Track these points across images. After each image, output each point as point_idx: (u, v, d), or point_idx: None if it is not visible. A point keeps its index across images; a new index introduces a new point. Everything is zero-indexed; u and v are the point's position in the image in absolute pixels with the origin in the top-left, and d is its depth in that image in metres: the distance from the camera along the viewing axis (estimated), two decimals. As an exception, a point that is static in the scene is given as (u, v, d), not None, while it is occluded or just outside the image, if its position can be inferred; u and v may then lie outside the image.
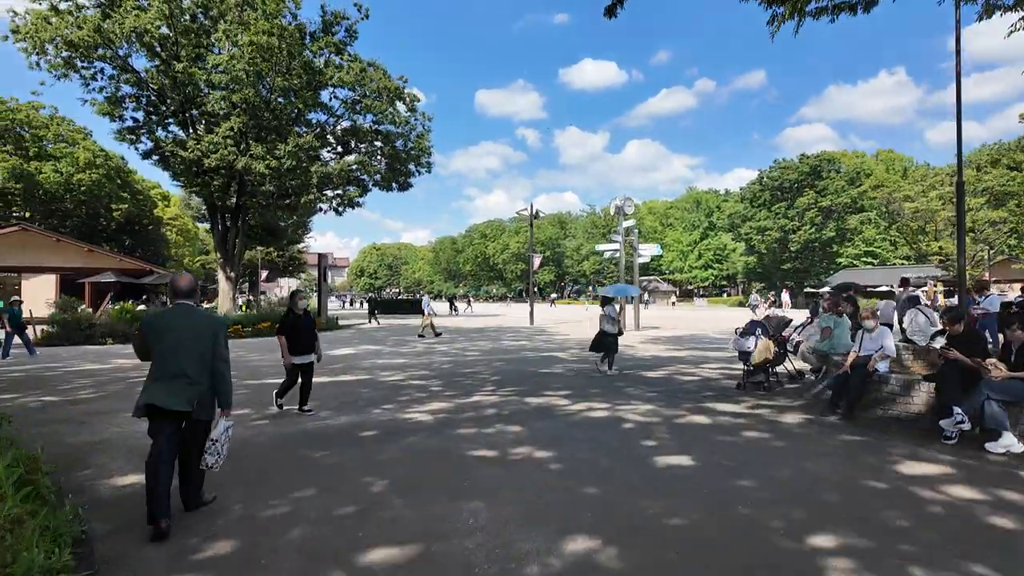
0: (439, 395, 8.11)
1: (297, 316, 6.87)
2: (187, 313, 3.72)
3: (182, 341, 3.59)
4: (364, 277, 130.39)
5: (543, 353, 13.66)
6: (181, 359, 3.57)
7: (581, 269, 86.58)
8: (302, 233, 55.43)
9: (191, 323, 3.66)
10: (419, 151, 29.69)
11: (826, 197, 53.77)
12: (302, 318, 6.89)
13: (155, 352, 3.63)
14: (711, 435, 5.80)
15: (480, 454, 5.15)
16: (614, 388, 8.58)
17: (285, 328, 6.80)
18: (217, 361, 3.69)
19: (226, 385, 3.74)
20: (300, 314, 6.89)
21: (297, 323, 6.81)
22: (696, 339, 17.74)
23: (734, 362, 11.34)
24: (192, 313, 3.74)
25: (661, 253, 25.42)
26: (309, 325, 6.93)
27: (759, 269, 62.11)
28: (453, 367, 11.27)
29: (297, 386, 6.95)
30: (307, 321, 6.93)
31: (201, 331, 3.66)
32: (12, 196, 42.92)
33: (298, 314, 6.88)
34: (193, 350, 3.60)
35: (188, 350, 3.59)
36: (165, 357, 3.58)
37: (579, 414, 6.80)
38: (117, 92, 23.95)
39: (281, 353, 6.79)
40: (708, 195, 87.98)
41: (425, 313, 20.49)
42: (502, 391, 8.37)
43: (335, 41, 26.13)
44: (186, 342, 3.60)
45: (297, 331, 6.75)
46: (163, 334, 3.62)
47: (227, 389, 3.76)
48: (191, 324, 3.66)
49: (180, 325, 3.64)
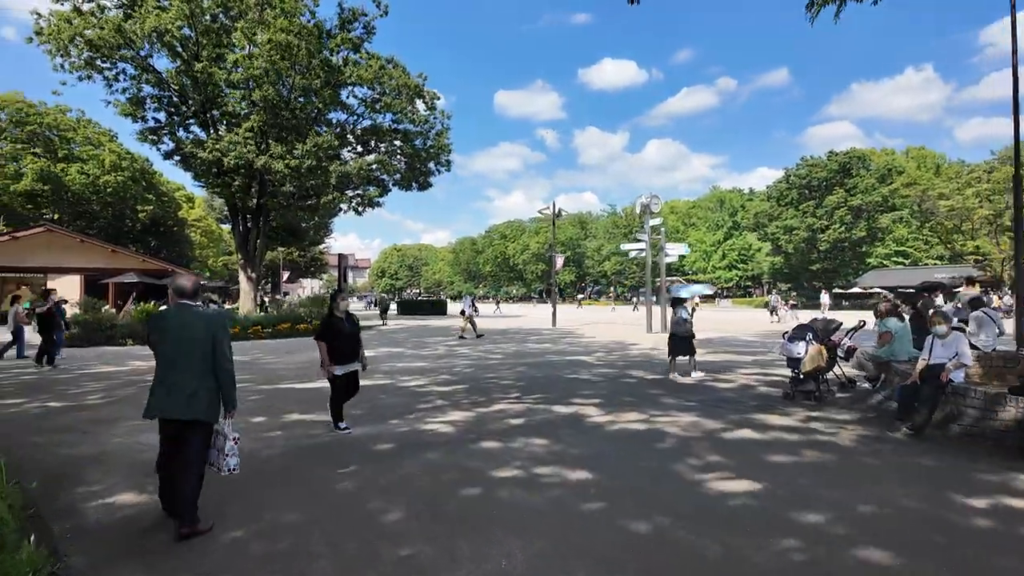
0: (461, 403, 7.61)
1: (339, 319, 6.03)
2: (189, 314, 3.64)
3: (184, 342, 3.54)
4: (385, 278, 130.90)
5: (568, 357, 13.09)
6: (183, 361, 3.52)
7: (602, 269, 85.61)
8: (323, 234, 55.65)
9: (193, 324, 3.59)
10: (438, 149, 29.37)
11: (856, 195, 52.16)
12: (344, 321, 6.06)
13: (159, 352, 3.59)
14: (765, 454, 5.19)
15: (507, 474, 4.62)
16: (648, 396, 7.99)
17: (326, 332, 6.00)
18: (221, 361, 3.60)
19: (231, 386, 3.65)
20: (342, 317, 6.07)
21: (339, 327, 6.00)
22: (727, 342, 16.99)
23: (771, 367, 10.65)
24: (194, 313, 3.65)
25: (688, 252, 24.63)
26: (353, 330, 6.13)
27: (786, 269, 60.59)
28: (475, 371, 10.77)
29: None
30: (351, 325, 6.12)
31: (203, 331, 3.57)
32: (41, 198, 43.71)
33: (339, 317, 6.06)
34: (195, 351, 3.54)
35: (190, 351, 3.53)
36: (168, 358, 3.54)
37: (613, 426, 6.23)
38: (139, 93, 24.00)
39: (320, 361, 5.99)
40: (732, 194, 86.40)
41: (466, 313, 19.66)
42: (528, 399, 7.84)
43: (352, 38, 25.86)
44: (188, 343, 3.54)
45: (339, 336, 5.96)
46: (166, 334, 3.57)
47: (232, 390, 3.66)
48: (193, 325, 3.58)
49: (182, 325, 3.57)
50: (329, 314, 6.15)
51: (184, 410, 3.47)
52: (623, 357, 13.00)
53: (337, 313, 6.08)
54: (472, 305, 20.22)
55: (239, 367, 11.89)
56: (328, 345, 5.93)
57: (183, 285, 3.76)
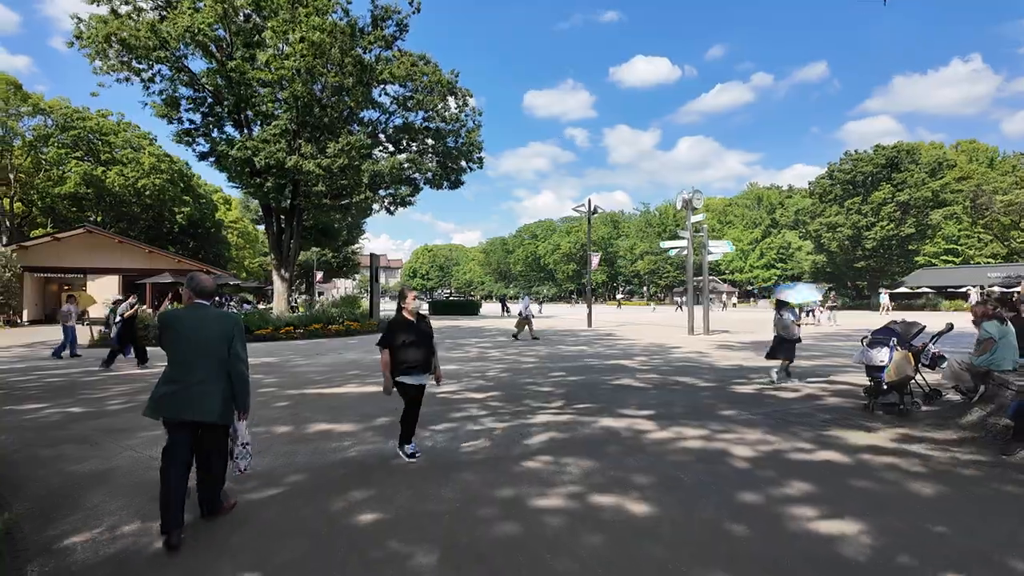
0: (498, 412, 6.96)
1: (408, 322, 4.96)
2: (203, 313, 3.59)
3: (199, 342, 3.47)
4: (416, 278, 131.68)
5: (608, 361, 12.33)
6: (198, 362, 3.45)
7: (635, 269, 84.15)
8: (356, 234, 55.93)
9: (207, 323, 3.53)
10: (470, 147, 28.90)
11: (904, 191, 49.77)
12: (415, 324, 4.98)
13: (171, 353, 3.50)
14: (859, 482, 4.40)
15: (556, 504, 3.95)
16: (704, 407, 7.21)
17: (391, 337, 4.90)
18: (235, 362, 3.53)
19: (244, 387, 3.58)
20: (412, 320, 4.98)
21: (408, 331, 4.90)
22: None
23: (834, 373, 9.72)
24: (208, 313, 3.60)
25: (733, 250, 23.54)
26: (427, 334, 5.01)
27: (829, 269, 58.25)
28: (511, 376, 10.12)
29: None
30: (423, 329, 5.01)
31: (217, 331, 3.52)
32: (85, 201, 44.94)
33: (409, 320, 4.97)
34: (210, 351, 3.48)
35: (206, 352, 3.47)
36: (182, 359, 3.46)
37: (672, 444, 5.49)
38: (174, 93, 24.13)
39: (382, 372, 4.94)
40: (770, 191, 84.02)
41: (522, 314, 18.77)
42: (571, 408, 7.15)
43: (385, 35, 25.54)
44: (203, 344, 3.48)
45: (408, 342, 4.85)
46: (179, 334, 3.49)
47: (245, 391, 3.60)
48: (207, 324, 3.52)
49: (196, 326, 3.51)
50: (398, 315, 5.06)
51: (201, 412, 3.39)
52: (667, 361, 12.18)
53: (406, 314, 5.00)
54: (528, 306, 19.27)
55: (269, 369, 11.58)
56: (394, 352, 4.86)
57: (202, 284, 3.66)
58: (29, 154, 42.28)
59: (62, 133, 43.18)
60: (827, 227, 53.30)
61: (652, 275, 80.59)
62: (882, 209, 49.93)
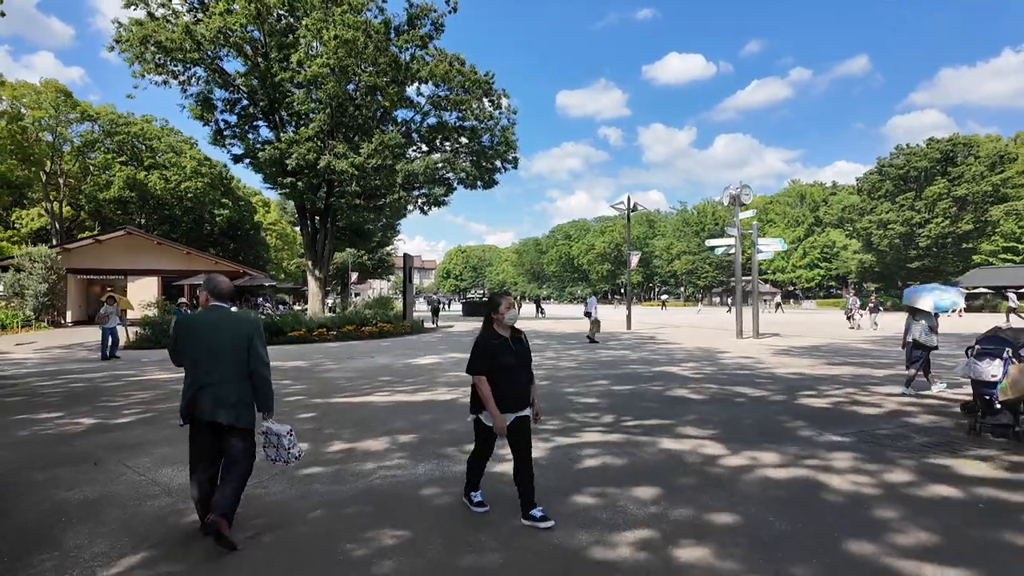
0: (540, 429, 6.22)
1: (501, 340, 3.72)
2: (223, 315, 3.53)
3: (220, 345, 3.42)
4: (450, 279, 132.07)
5: (655, 368, 11.45)
6: (220, 364, 3.40)
7: (671, 269, 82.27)
8: (391, 235, 56.06)
9: (227, 325, 3.48)
10: (505, 145, 28.31)
11: (961, 185, 47.02)
12: (512, 343, 3.76)
13: (191, 356, 3.45)
14: (995, 532, 3.49)
15: (624, 556, 3.19)
16: (776, 425, 6.32)
17: (484, 361, 3.66)
18: (256, 364, 3.48)
19: (267, 387, 3.54)
20: (505, 336, 3.75)
21: (503, 351, 3.69)
22: (836, 350, 14.79)
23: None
24: (228, 315, 3.55)
25: (786, 248, 22.23)
26: (526, 356, 3.84)
27: (877, 268, 55.56)
28: (550, 384, 9.37)
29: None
30: (522, 349, 3.82)
31: (238, 333, 3.46)
32: (130, 204, 46.13)
33: (503, 337, 3.74)
34: (229, 353, 3.42)
35: (226, 355, 3.42)
36: (203, 363, 3.41)
37: (751, 474, 4.65)
38: (209, 94, 24.21)
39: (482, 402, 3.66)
40: (813, 188, 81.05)
41: (592, 315, 17.82)
42: (622, 426, 6.35)
43: (421, 35, 25.14)
44: (221, 346, 3.42)
45: (504, 366, 3.65)
46: (200, 338, 3.43)
47: (269, 392, 3.55)
48: (228, 327, 3.47)
49: (217, 328, 3.46)
50: (486, 331, 3.77)
51: (226, 414, 3.35)
52: (721, 369, 11.22)
53: (499, 330, 3.75)
54: (596, 307, 18.32)
55: (297, 375, 11.10)
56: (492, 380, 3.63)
57: (219, 286, 3.59)
58: (77, 159, 43.61)
59: (108, 139, 44.41)
60: (877, 224, 50.80)
61: (690, 275, 78.62)
62: (937, 205, 47.32)
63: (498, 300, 3.80)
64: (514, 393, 3.68)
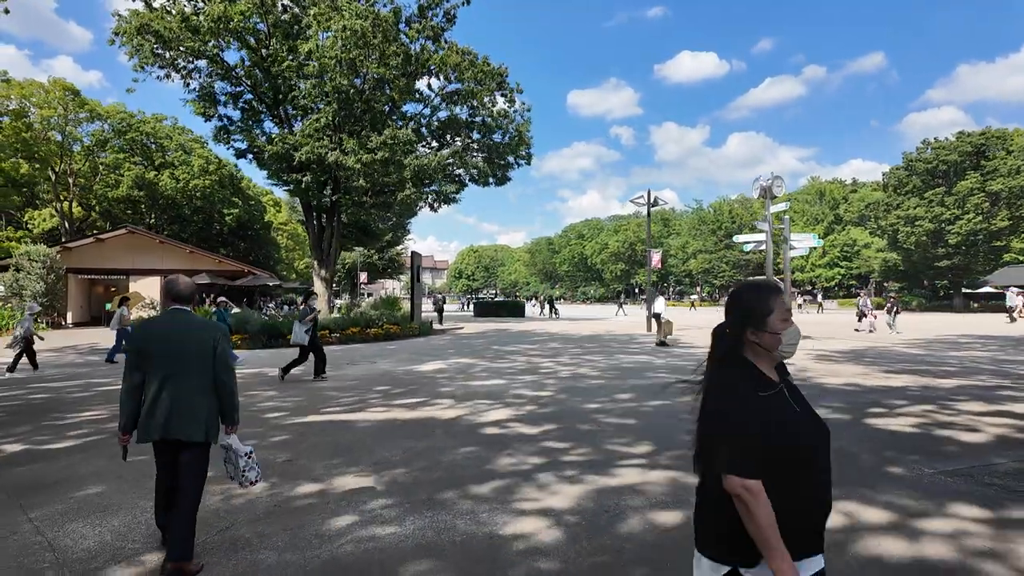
0: (563, 461, 5.02)
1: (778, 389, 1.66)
2: (184, 320, 3.20)
3: (186, 352, 3.11)
4: (462, 279, 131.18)
5: (691, 375, 10.16)
6: (181, 374, 3.07)
7: (686, 268, 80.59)
8: (401, 235, 55.23)
9: (188, 332, 3.15)
10: (519, 141, 27.22)
11: (996, 180, 44.94)
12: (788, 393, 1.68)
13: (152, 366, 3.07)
14: None
15: None
16: (856, 460, 5.06)
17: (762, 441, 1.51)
18: (221, 373, 3.16)
19: (233, 400, 3.23)
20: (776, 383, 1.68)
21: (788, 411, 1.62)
22: (881, 354, 13.42)
23: (995, 401, 7.32)
24: (189, 320, 3.21)
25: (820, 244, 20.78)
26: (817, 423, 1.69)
27: (902, 267, 53.49)
28: (570, 397, 8.17)
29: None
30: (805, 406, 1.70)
31: (202, 341, 3.15)
32: (139, 203, 45.68)
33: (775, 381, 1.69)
34: (198, 362, 3.12)
35: (189, 363, 3.10)
36: (162, 371, 3.06)
37: (853, 543, 3.41)
38: (211, 87, 23.34)
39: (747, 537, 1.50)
40: (833, 185, 79.12)
41: (660, 316, 16.32)
42: (665, 457, 5.13)
43: (433, 25, 24.08)
44: (183, 353, 3.10)
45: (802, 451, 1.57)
46: (162, 345, 3.10)
47: (234, 404, 3.25)
48: (188, 333, 3.15)
49: (181, 334, 3.14)
50: (736, 368, 1.73)
51: (193, 430, 3.05)
52: (761, 378, 9.93)
53: (764, 368, 1.71)
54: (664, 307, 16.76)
55: (285, 384, 9.98)
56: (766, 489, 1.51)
57: (179, 287, 3.27)
58: (87, 159, 43.20)
59: (118, 138, 43.99)
60: (905, 221, 48.82)
61: (706, 274, 76.91)
62: (968, 200, 45.26)
63: (766, 297, 1.72)
64: (812, 511, 1.58)
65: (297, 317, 10.34)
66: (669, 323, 16.16)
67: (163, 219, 47.14)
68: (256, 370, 11.71)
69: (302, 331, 9.94)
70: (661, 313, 16.31)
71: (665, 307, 16.59)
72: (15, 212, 44.31)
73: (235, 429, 3.32)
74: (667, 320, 16.13)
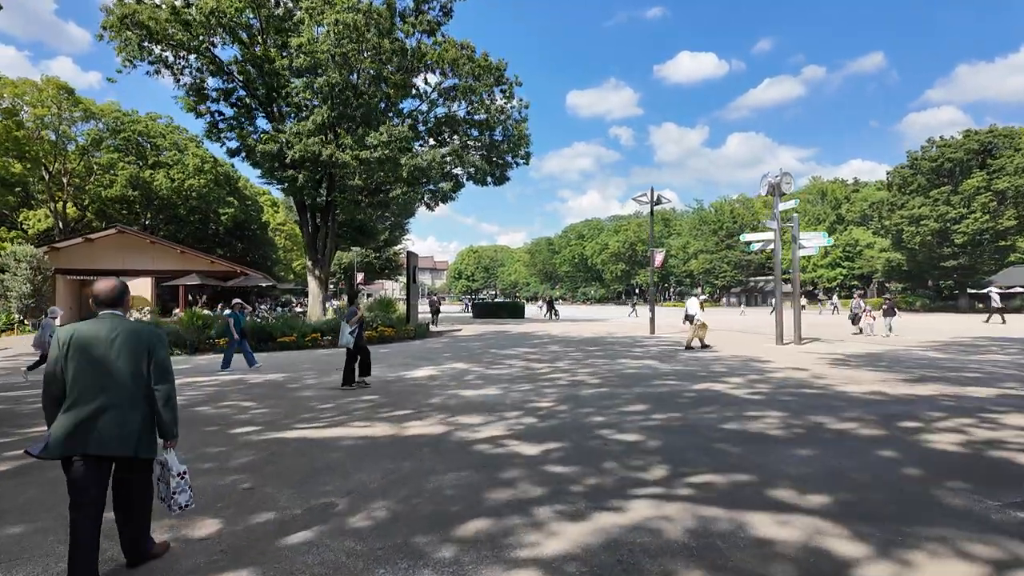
0: (566, 491, 4.35)
1: None
2: (114, 324, 2.96)
3: (108, 360, 2.86)
4: (462, 279, 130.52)
5: (696, 384, 9.52)
6: (107, 383, 2.83)
7: (687, 269, 79.95)
8: (399, 235, 54.63)
9: (120, 336, 2.91)
10: (518, 139, 26.63)
11: (1002, 178, 44.30)
12: None
13: (73, 374, 2.84)
14: None
15: None
16: (909, 487, 4.40)
17: None
18: (160, 381, 2.95)
19: (171, 411, 2.97)
20: None
21: None
22: (898, 359, 12.75)
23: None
24: (118, 325, 2.96)
25: (830, 243, 20.16)
26: None
27: (906, 267, 52.80)
28: (572, 409, 7.51)
29: None
30: None
31: (134, 346, 2.92)
32: (134, 203, 45.01)
33: None
34: (131, 370, 2.89)
35: (115, 371, 2.86)
36: (88, 380, 2.82)
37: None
38: (202, 83, 22.71)
39: None
40: (835, 185, 78.61)
41: (696, 320, 14.90)
42: (684, 485, 4.45)
43: (429, 20, 23.48)
44: (112, 361, 2.87)
45: None
46: (90, 353, 2.86)
47: (173, 416, 2.99)
48: (118, 339, 2.91)
49: (111, 340, 2.90)
50: None
51: (115, 445, 2.81)
52: (779, 387, 9.27)
53: None
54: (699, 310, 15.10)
55: (264, 393, 8.54)
56: None
57: (104, 290, 3.03)
58: (81, 158, 42.56)
59: (113, 137, 43.38)
60: (909, 220, 48.16)
61: (707, 275, 76.26)
62: (975, 199, 44.60)
63: None
64: None
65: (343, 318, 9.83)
66: (704, 326, 14.89)
67: (159, 219, 46.53)
68: (238, 376, 11.04)
69: (348, 333, 9.28)
70: (696, 315, 14.84)
71: (700, 309, 14.99)
72: (9, 213, 43.67)
73: (174, 443, 3.07)
74: (701, 322, 14.80)
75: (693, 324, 14.97)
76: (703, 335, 15.13)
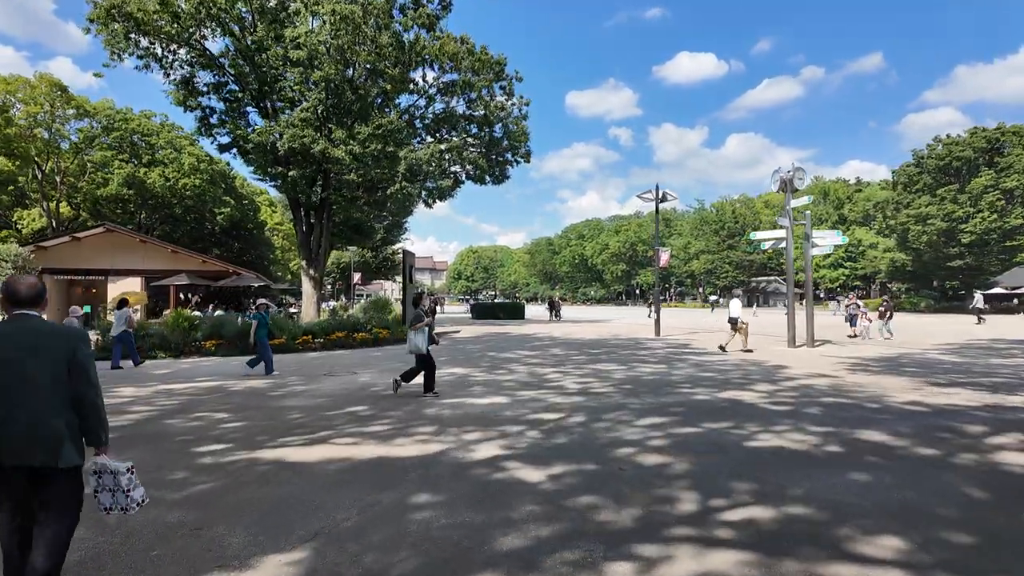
0: (577, 531, 3.61)
1: None
2: (29, 327, 2.62)
3: (34, 364, 2.54)
4: (461, 280, 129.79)
5: (715, 393, 8.77)
6: (24, 389, 2.51)
7: (688, 269, 79.24)
8: (397, 234, 53.87)
9: (39, 340, 2.59)
10: (518, 136, 25.98)
11: (1011, 176, 43.63)
12: None
13: None
14: None
15: None
16: (998, 523, 3.67)
17: None
18: (83, 386, 2.62)
19: (98, 417, 2.67)
20: None
21: None
22: (920, 363, 12.04)
23: None
24: (36, 327, 2.64)
25: (845, 241, 19.46)
26: None
27: (911, 267, 52.06)
28: (585, 420, 6.78)
29: None
30: None
31: (55, 349, 2.60)
32: (129, 202, 44.24)
33: None
34: (51, 375, 2.57)
35: (44, 375, 2.55)
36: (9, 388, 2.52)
37: None
38: (192, 76, 21.99)
39: None
40: (837, 185, 77.90)
41: (739, 323, 14.29)
42: (721, 526, 3.71)
43: (428, 13, 22.81)
44: (30, 365, 2.54)
45: None
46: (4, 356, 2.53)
47: (100, 422, 2.69)
48: (39, 341, 2.59)
49: (28, 343, 2.57)
50: None
51: (45, 454, 2.49)
52: (804, 394, 8.53)
53: None
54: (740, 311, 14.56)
55: (243, 402, 7.51)
56: None
57: (19, 289, 2.66)
58: (76, 157, 41.80)
59: (107, 135, 42.64)
60: (915, 220, 47.45)
61: (708, 275, 75.57)
62: (983, 198, 43.91)
63: None
64: None
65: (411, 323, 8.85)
66: (745, 327, 14.25)
67: (154, 218, 45.81)
68: (217, 382, 10.28)
69: (417, 339, 8.51)
70: (739, 318, 14.20)
71: (743, 311, 14.39)
72: (3, 212, 42.90)
73: (105, 450, 2.79)
74: (743, 323, 14.16)
75: (737, 327, 14.23)
76: (745, 337, 14.40)
